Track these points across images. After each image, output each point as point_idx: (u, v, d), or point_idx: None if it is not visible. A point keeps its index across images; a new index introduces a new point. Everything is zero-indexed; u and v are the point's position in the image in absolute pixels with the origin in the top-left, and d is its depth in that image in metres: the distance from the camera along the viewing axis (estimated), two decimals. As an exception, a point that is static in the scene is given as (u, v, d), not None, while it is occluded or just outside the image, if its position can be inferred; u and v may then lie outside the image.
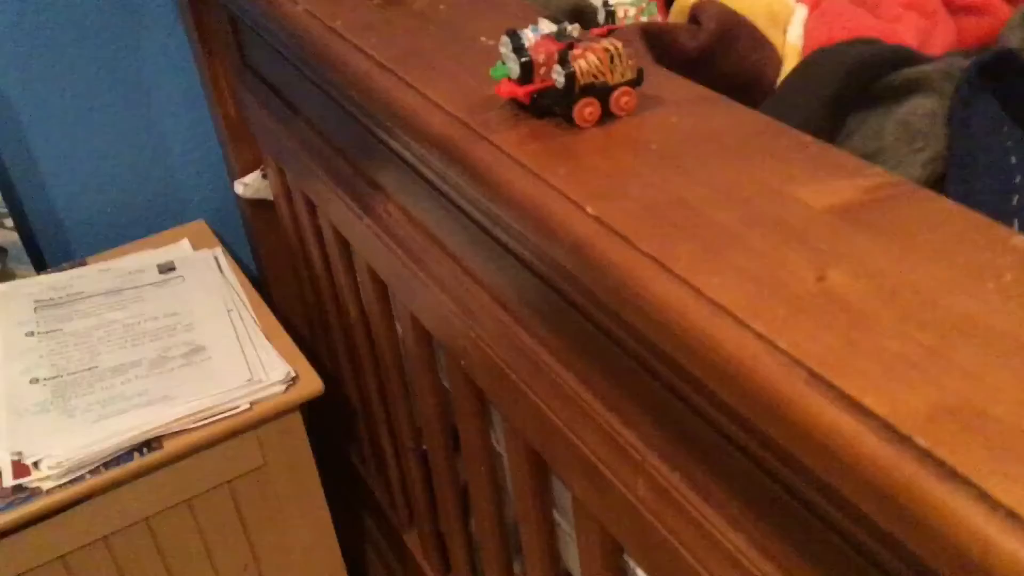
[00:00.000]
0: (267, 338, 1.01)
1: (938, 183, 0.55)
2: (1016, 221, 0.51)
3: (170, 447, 0.90)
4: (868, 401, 0.33)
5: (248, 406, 0.94)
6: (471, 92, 0.55)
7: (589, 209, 0.44)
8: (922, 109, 0.54)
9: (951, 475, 0.30)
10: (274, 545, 1.03)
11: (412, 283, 0.84)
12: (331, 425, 1.33)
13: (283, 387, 0.97)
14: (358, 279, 1.01)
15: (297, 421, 1.00)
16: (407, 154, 0.68)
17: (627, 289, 0.41)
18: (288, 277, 1.26)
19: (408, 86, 0.58)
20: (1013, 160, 0.53)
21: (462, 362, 0.80)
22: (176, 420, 0.91)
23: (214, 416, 0.93)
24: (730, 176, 0.45)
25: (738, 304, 0.38)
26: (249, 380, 0.96)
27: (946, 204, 0.41)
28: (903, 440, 0.31)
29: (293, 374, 0.98)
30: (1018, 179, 0.52)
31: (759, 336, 0.36)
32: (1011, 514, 0.29)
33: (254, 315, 1.05)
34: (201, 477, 0.94)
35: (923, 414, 0.32)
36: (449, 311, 0.78)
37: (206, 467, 0.94)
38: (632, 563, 0.69)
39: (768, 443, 0.39)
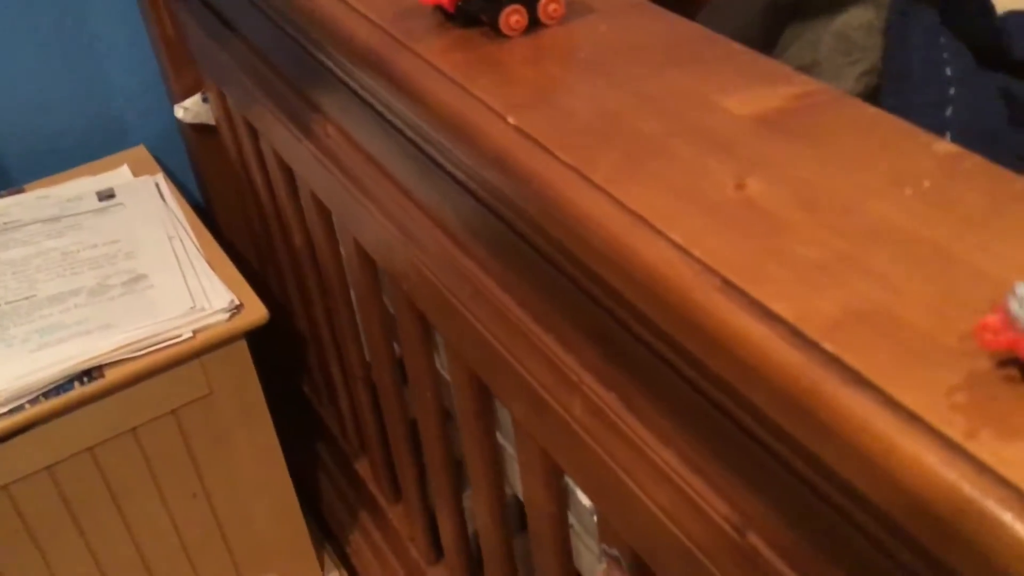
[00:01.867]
0: (210, 266, 1.00)
1: (874, 95, 0.54)
2: (948, 133, 0.51)
3: (111, 376, 0.89)
4: (778, 307, 0.32)
5: (191, 334, 0.93)
6: (397, 1, 0.53)
7: (510, 119, 0.43)
8: (858, 20, 0.53)
9: (856, 380, 0.30)
10: (223, 473, 1.03)
11: (354, 208, 0.82)
12: (282, 354, 1.32)
13: (227, 315, 0.95)
14: (302, 205, 0.99)
15: (242, 349, 0.99)
16: (339, 71, 0.66)
17: (547, 200, 0.40)
18: (234, 203, 1.24)
19: (334, -4, 0.56)
20: (949, 72, 0.52)
21: (404, 287, 0.79)
22: (117, 349, 0.89)
23: (156, 345, 0.91)
24: (657, 85, 0.44)
25: (656, 213, 0.37)
26: (192, 308, 0.94)
27: (870, 111, 0.40)
28: (811, 346, 0.31)
29: (237, 302, 0.97)
30: (952, 91, 0.51)
31: (675, 245, 0.35)
32: (914, 417, 0.28)
33: (197, 243, 1.03)
34: (145, 406, 0.93)
35: (832, 320, 0.32)
36: (391, 236, 0.77)
37: (150, 396, 0.93)
38: (572, 484, 0.69)
39: (686, 353, 0.38)
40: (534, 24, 0.49)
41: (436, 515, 0.97)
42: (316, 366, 1.22)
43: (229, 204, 1.25)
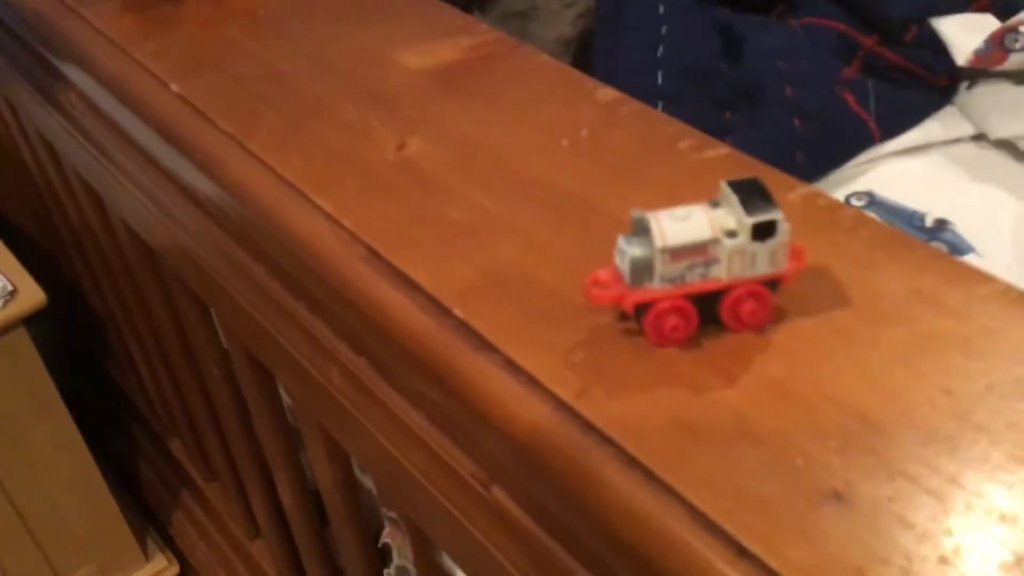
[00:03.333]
0: (-23, 251, 0.93)
1: (590, 38, 0.53)
2: (660, 73, 0.50)
3: None
4: (418, 275, 0.31)
5: (-44, 326, 0.87)
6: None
7: (174, 87, 0.40)
8: (571, -38, 0.52)
9: (483, 345, 0.29)
10: (17, 468, 0.97)
11: (111, 183, 0.77)
12: (83, 334, 1.26)
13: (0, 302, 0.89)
14: (71, 185, 0.93)
15: (22, 337, 0.93)
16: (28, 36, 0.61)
17: (208, 171, 0.38)
18: (12, 184, 1.16)
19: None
20: (661, 10, 0.52)
21: (172, 264, 0.76)
22: None
23: (-85, 340, 0.85)
24: (335, 44, 0.42)
25: (311, 182, 0.35)
26: (-46, 299, 0.88)
27: (540, 59, 0.39)
28: (444, 312, 0.30)
29: (10, 288, 0.91)
30: (664, 29, 0.51)
31: (326, 215, 0.34)
32: (531, 380, 0.28)
33: (-39, 228, 0.96)
34: (-88, 407, 0.87)
35: (467, 284, 0.31)
36: (148, 212, 0.73)
37: (-83, 395, 0.86)
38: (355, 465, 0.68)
39: (347, 324, 0.37)
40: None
41: (247, 494, 0.95)
42: (116, 344, 1.16)
43: (6, 180, 1.17)
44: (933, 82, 0.58)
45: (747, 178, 0.28)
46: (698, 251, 0.27)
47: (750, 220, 0.27)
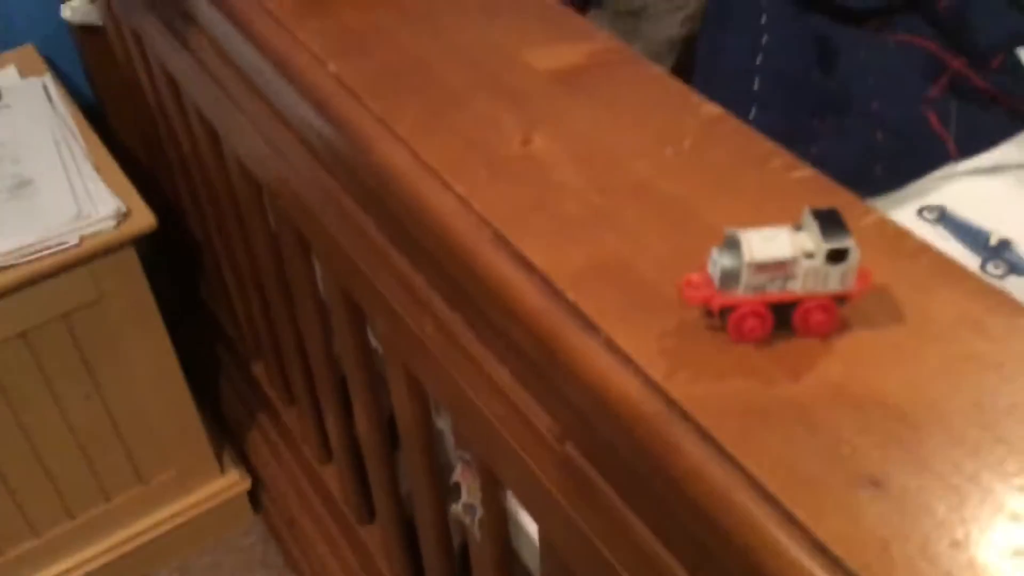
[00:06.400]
0: (98, 171, 1.00)
1: (696, 41, 0.57)
2: (757, 78, 0.55)
3: (-2, 281, 0.90)
4: (536, 258, 0.37)
5: (77, 241, 0.94)
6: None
7: (331, 66, 0.45)
8: (683, -32, 0.56)
9: (587, 325, 0.35)
10: (115, 376, 1.06)
11: (232, 122, 0.84)
12: (179, 255, 1.34)
13: (113, 222, 0.97)
14: (188, 117, 1.00)
15: (131, 256, 1.00)
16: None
17: (358, 149, 0.43)
18: (126, 107, 1.23)
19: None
20: (764, 19, 0.56)
21: (280, 202, 0.82)
22: (1, 255, 0.91)
23: (41, 251, 0.93)
24: (471, 37, 0.47)
25: (447, 166, 0.41)
26: (77, 215, 0.95)
27: (654, 71, 0.44)
28: (556, 294, 0.36)
29: (124, 209, 0.98)
30: (765, 38, 0.55)
31: (459, 197, 0.39)
32: (627, 359, 0.33)
33: (85, 147, 1.03)
34: (33, 311, 0.95)
35: (577, 270, 0.36)
36: (263, 151, 0.79)
37: (37, 301, 0.94)
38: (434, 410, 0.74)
39: (470, 295, 0.42)
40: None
41: (324, 420, 1.02)
42: (211, 269, 1.24)
43: (120, 104, 1.24)
44: (1013, 107, 0.61)
45: (828, 208, 0.33)
46: (779, 267, 0.32)
47: (826, 246, 0.32)
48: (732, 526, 0.29)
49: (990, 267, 0.56)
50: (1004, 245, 0.57)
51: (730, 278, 0.32)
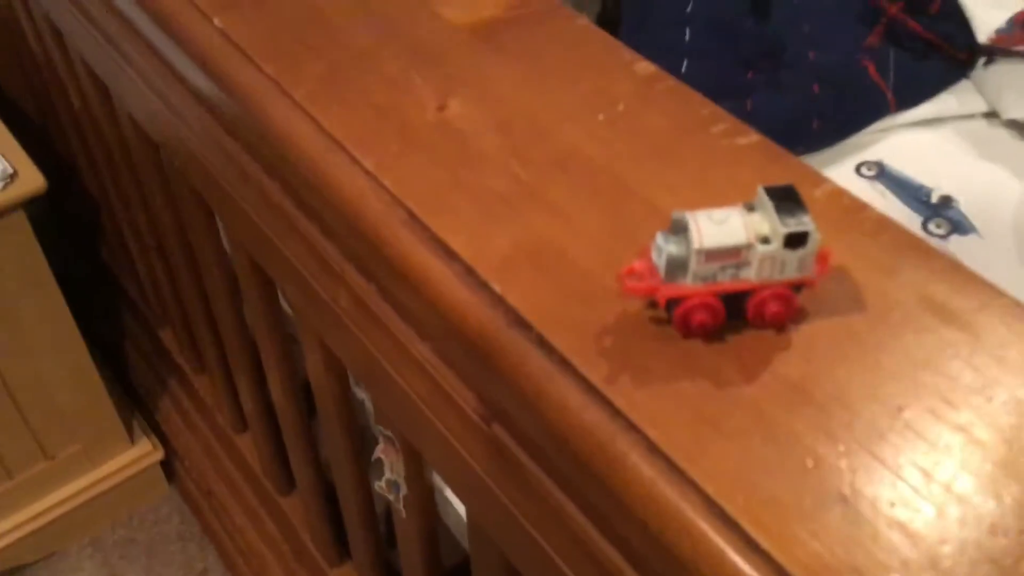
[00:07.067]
0: (-22, 130, 0.92)
1: None
2: (688, 29, 0.51)
3: None
4: (456, 243, 0.32)
5: (-44, 207, 0.87)
6: None
7: (216, 20, 0.40)
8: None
9: (517, 321, 0.31)
10: (11, 347, 0.99)
11: (122, 77, 0.77)
12: (76, 216, 1.26)
13: (-1, 185, 0.89)
14: (76, 72, 0.92)
15: (21, 219, 0.93)
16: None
17: (250, 114, 0.38)
18: (14, 63, 1.14)
19: None
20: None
21: (177, 164, 0.76)
22: None
23: (-85, 219, 0.85)
24: (375, -14, 0.42)
25: (354, 138, 0.36)
26: (-46, 179, 0.88)
27: (581, 23, 0.40)
28: (482, 286, 0.32)
29: (11, 171, 0.91)
30: (690, 8, 0.51)
31: (368, 174, 0.35)
32: (563, 361, 0.30)
33: (-39, 105, 0.95)
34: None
35: (504, 257, 0.32)
36: (157, 109, 0.73)
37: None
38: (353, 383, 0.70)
39: (380, 279, 0.38)
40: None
41: (237, 388, 0.97)
42: (111, 232, 1.17)
43: (8, 63, 1.15)
44: (952, 55, 0.59)
45: (784, 186, 0.29)
46: (732, 254, 0.29)
47: (784, 230, 0.28)
48: (687, 553, 0.26)
49: (932, 226, 0.53)
50: (945, 202, 0.55)
51: (677, 267, 0.29)
